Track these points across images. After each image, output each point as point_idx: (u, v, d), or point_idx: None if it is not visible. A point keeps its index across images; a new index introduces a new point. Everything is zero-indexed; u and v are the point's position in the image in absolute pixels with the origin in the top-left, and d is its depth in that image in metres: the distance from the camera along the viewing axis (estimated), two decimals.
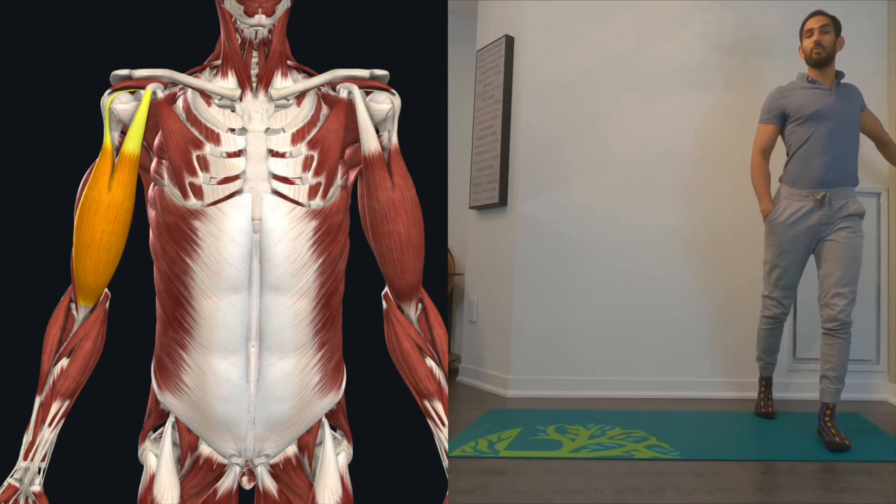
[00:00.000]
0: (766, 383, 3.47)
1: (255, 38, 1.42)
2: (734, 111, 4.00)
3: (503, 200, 4.06)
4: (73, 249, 1.42)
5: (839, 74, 3.18)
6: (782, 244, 3.14)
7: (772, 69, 4.00)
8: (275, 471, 1.48)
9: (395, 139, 1.50)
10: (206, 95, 1.44)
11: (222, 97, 1.44)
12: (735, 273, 3.93)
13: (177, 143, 1.40)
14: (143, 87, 1.44)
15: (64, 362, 1.47)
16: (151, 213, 1.46)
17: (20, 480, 1.44)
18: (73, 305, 1.49)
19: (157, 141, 1.44)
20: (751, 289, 3.74)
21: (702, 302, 3.97)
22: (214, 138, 1.41)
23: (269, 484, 1.48)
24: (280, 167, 1.41)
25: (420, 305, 1.54)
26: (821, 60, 3.12)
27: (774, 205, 3.15)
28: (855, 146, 3.16)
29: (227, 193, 1.39)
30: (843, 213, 3.02)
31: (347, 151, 1.50)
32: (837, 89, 3.14)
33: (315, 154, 1.43)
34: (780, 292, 3.22)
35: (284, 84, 1.46)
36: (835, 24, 3.16)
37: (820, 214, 3.03)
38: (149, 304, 1.48)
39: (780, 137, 3.25)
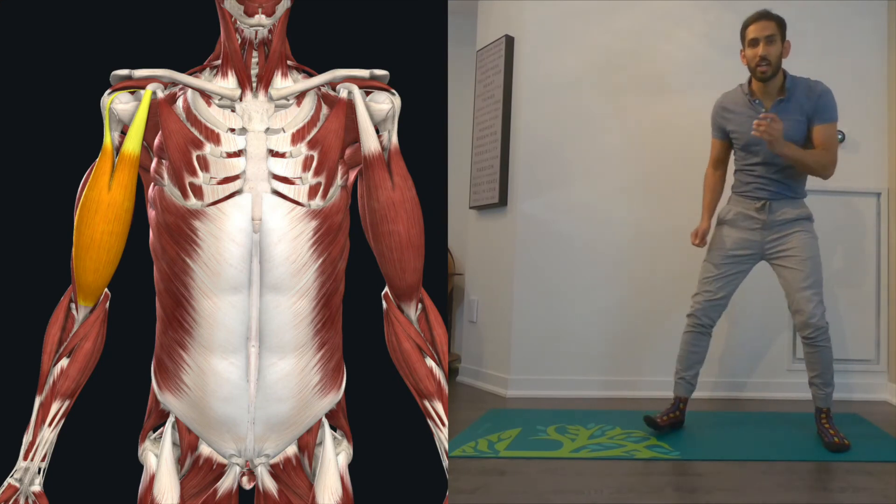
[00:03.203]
0: (674, 402, 3.08)
1: (255, 38, 1.42)
2: None
3: (503, 200, 4.06)
4: (73, 249, 1.42)
5: (786, 80, 2.91)
6: (722, 241, 3.02)
7: None
8: (275, 471, 1.48)
9: (395, 139, 1.50)
10: (206, 95, 1.44)
11: (222, 97, 1.44)
12: None
13: (177, 143, 1.40)
14: (143, 87, 1.44)
15: (64, 362, 1.47)
16: (151, 213, 1.46)
17: (20, 480, 1.44)
18: (73, 305, 1.49)
19: (157, 141, 1.44)
20: (750, 289, 3.74)
21: None
22: (214, 138, 1.41)
23: (269, 484, 1.48)
24: (280, 167, 1.41)
25: (420, 305, 1.54)
26: (766, 77, 2.88)
27: (711, 226, 3.07)
28: (789, 167, 2.93)
29: (227, 193, 1.39)
30: (788, 217, 2.92)
31: (347, 151, 1.50)
32: (776, 108, 2.88)
33: (315, 154, 1.43)
34: (706, 293, 3.00)
35: (284, 84, 1.46)
36: (781, 30, 2.90)
37: (762, 220, 2.94)
38: (149, 304, 1.48)
39: None
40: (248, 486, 1.47)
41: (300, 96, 1.47)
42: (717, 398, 3.84)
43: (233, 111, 1.44)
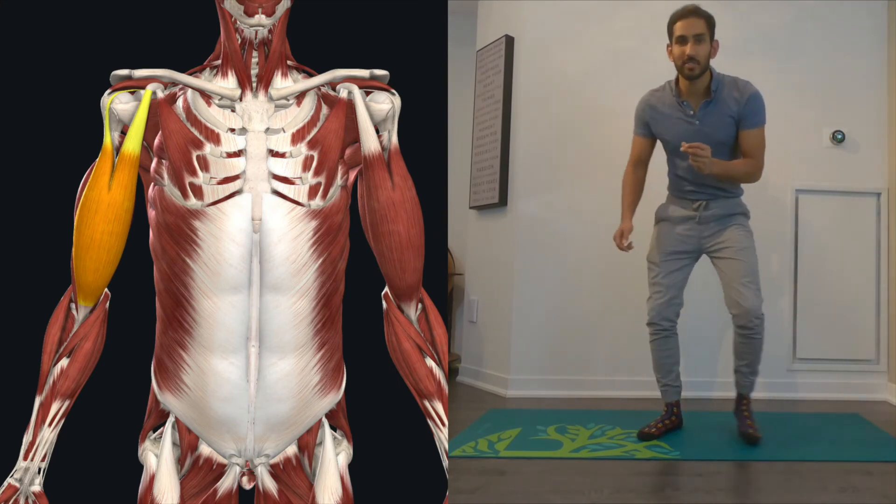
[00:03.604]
0: (667, 409, 3.04)
1: (255, 38, 1.42)
2: None
3: (503, 200, 4.06)
4: (73, 249, 1.42)
5: (713, 81, 2.81)
6: (661, 239, 2.99)
7: (771, 69, 4.00)
8: (275, 471, 1.48)
9: (395, 139, 1.50)
10: (206, 95, 1.44)
11: (222, 97, 1.44)
12: None
13: (177, 143, 1.40)
14: (143, 87, 1.44)
15: (64, 362, 1.47)
16: (151, 213, 1.46)
17: (20, 480, 1.44)
18: (73, 305, 1.49)
19: (157, 141, 1.44)
20: None
21: (701, 301, 3.95)
22: (214, 138, 1.41)
23: (269, 484, 1.48)
24: (280, 167, 1.41)
25: (420, 305, 1.54)
26: (694, 75, 2.79)
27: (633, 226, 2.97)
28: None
29: (227, 193, 1.39)
30: (723, 213, 2.90)
31: (347, 151, 1.50)
32: (704, 111, 2.83)
33: (315, 154, 1.43)
34: (655, 295, 2.95)
35: (284, 84, 1.46)
36: (710, 28, 2.80)
37: (699, 216, 2.92)
38: (149, 304, 1.48)
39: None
40: (248, 486, 1.47)
41: (300, 96, 1.47)
42: (718, 398, 3.84)
43: (233, 111, 1.43)
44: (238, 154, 1.41)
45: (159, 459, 1.45)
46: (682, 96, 2.87)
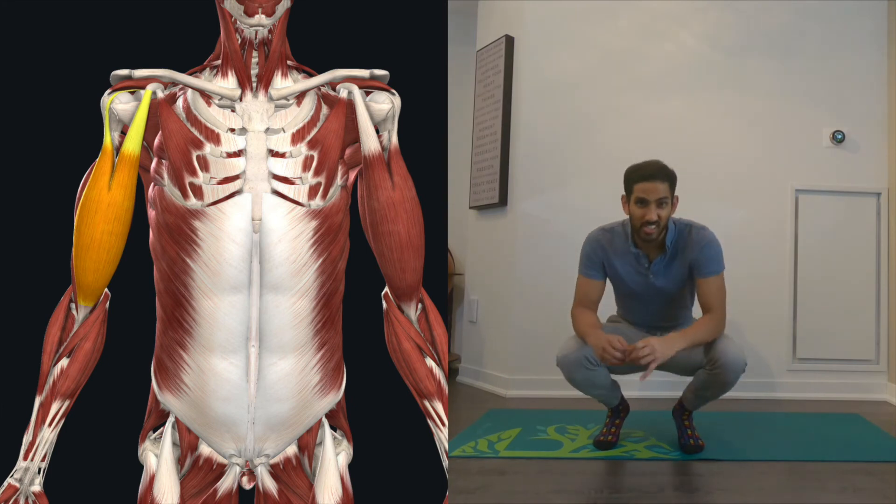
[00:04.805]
0: (611, 413, 2.90)
1: (255, 38, 1.42)
2: (734, 111, 4.00)
3: (503, 200, 4.06)
4: (73, 249, 1.42)
5: (669, 235, 2.63)
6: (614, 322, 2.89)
7: (772, 69, 4.01)
8: (275, 471, 1.48)
9: (395, 139, 1.50)
10: (206, 95, 1.44)
11: (222, 97, 1.44)
12: (733, 273, 3.91)
13: (177, 143, 1.40)
14: (143, 87, 1.44)
15: (64, 362, 1.47)
16: (151, 213, 1.46)
17: (20, 480, 1.44)
18: (73, 305, 1.49)
19: (157, 141, 1.44)
20: (749, 289, 3.74)
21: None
22: (214, 138, 1.41)
23: (269, 484, 1.48)
24: (280, 167, 1.41)
25: (420, 305, 1.54)
26: (652, 238, 2.62)
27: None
28: (672, 308, 2.80)
29: (227, 193, 1.40)
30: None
31: (347, 151, 1.50)
32: (660, 264, 2.67)
33: (315, 154, 1.43)
34: (576, 349, 2.68)
35: (284, 84, 1.46)
36: (672, 187, 2.60)
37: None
38: (149, 304, 1.48)
39: None
40: (248, 486, 1.47)
41: (300, 96, 1.47)
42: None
43: (233, 111, 1.44)
44: (238, 154, 1.41)
45: (159, 459, 1.45)
46: (638, 246, 2.70)
